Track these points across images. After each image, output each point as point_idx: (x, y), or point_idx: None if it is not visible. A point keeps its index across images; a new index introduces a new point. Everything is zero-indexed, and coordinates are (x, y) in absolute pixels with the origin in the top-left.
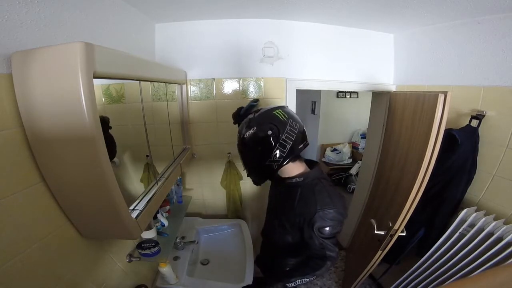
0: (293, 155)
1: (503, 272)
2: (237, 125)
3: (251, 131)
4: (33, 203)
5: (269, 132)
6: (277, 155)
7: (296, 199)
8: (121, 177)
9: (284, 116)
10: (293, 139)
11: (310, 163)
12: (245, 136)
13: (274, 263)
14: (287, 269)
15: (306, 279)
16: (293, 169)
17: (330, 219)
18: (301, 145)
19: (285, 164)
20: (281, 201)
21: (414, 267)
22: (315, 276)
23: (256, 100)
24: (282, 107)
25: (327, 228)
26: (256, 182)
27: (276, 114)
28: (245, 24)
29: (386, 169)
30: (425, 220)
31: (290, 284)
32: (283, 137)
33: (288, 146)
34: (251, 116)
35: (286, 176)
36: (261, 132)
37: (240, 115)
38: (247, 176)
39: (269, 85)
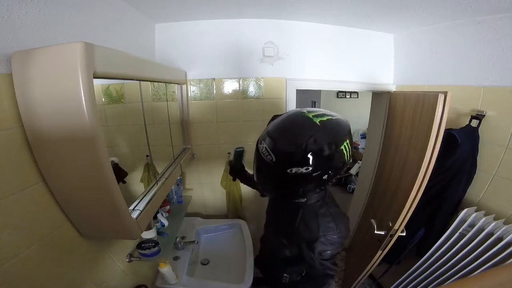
0: None
1: (503, 272)
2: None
3: (303, 170)
4: (33, 203)
5: (325, 177)
6: (317, 190)
7: (297, 220)
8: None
9: (348, 153)
10: (339, 171)
11: None
12: (288, 172)
13: (272, 271)
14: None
15: None
16: None
17: (332, 243)
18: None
19: None
20: (281, 218)
21: (414, 267)
22: None
23: (241, 148)
24: (349, 136)
25: (329, 252)
26: (264, 195)
27: (344, 150)
28: (245, 24)
29: (386, 169)
30: (425, 220)
31: None
32: (335, 174)
33: (332, 179)
34: (303, 143)
35: None
36: (315, 176)
37: (238, 170)
38: (261, 190)
39: (269, 85)
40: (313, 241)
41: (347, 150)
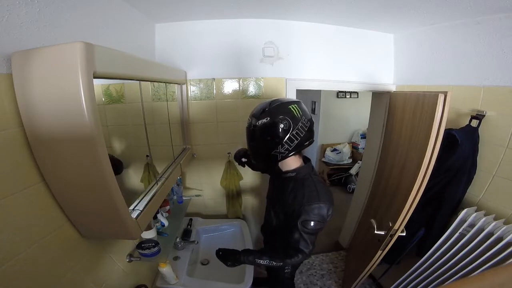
0: (298, 150)
1: (503, 272)
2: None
3: (264, 120)
4: (33, 203)
5: (281, 125)
6: (284, 148)
7: (288, 191)
8: (121, 177)
9: (299, 112)
10: (302, 135)
11: (303, 158)
12: (257, 124)
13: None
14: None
15: (274, 263)
16: (291, 163)
17: (315, 214)
18: (307, 142)
19: (289, 157)
20: (276, 192)
21: (414, 267)
22: (282, 263)
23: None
24: (298, 103)
25: (311, 223)
26: (256, 168)
27: (292, 108)
28: (245, 24)
29: (386, 169)
30: (425, 220)
31: (259, 261)
32: (293, 132)
33: (296, 142)
34: (266, 105)
35: (283, 170)
36: (273, 123)
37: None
38: (252, 160)
39: (269, 85)
40: (299, 208)
41: (296, 109)
